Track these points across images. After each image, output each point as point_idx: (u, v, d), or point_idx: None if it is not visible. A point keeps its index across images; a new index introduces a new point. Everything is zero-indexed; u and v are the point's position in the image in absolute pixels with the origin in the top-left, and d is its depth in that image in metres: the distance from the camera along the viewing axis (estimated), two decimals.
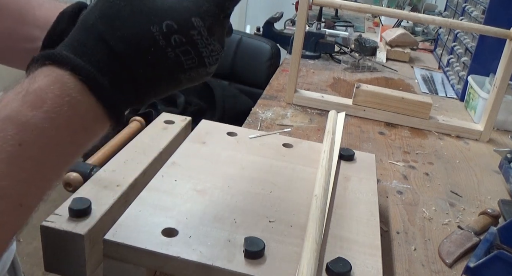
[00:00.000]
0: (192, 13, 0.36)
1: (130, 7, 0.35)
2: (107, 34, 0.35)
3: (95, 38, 0.35)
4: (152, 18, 0.35)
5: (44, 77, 0.33)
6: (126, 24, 0.35)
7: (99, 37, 0.35)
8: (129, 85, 0.36)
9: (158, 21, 0.35)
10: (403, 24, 2.14)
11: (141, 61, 0.35)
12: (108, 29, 0.35)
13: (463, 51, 1.48)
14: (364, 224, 0.57)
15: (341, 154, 0.72)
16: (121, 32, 0.35)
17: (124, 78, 0.36)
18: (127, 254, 0.48)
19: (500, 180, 0.95)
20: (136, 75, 0.36)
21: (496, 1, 1.27)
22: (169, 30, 0.35)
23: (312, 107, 1.19)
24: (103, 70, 0.34)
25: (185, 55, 0.36)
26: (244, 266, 0.47)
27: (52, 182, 0.34)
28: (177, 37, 0.35)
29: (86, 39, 0.35)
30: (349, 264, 0.48)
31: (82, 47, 0.35)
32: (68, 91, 0.33)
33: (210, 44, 0.37)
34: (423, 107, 1.14)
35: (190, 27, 0.36)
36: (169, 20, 0.35)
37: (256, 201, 0.58)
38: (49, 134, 0.32)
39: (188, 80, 0.38)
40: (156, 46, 0.35)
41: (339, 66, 1.62)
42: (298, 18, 1.13)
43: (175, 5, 0.36)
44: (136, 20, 0.35)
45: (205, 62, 0.37)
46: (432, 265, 0.67)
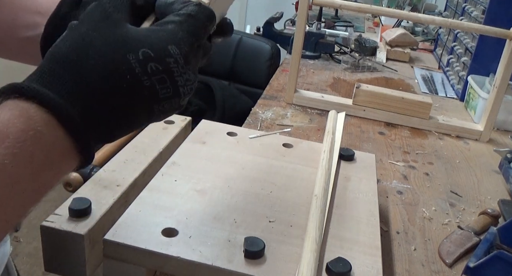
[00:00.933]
0: (168, 41, 0.36)
1: (104, 37, 0.34)
2: (79, 63, 0.33)
3: (65, 68, 0.33)
4: (128, 46, 0.34)
5: (8, 110, 0.31)
6: (101, 52, 0.34)
7: (70, 66, 0.33)
8: (101, 117, 0.34)
9: (134, 49, 0.34)
10: (403, 24, 2.14)
11: (115, 90, 0.34)
12: (80, 58, 0.34)
13: (463, 51, 1.48)
14: (364, 224, 0.57)
15: (341, 154, 0.72)
16: (95, 61, 0.34)
17: (96, 109, 0.34)
18: (127, 254, 0.48)
19: (500, 180, 0.95)
20: (109, 106, 0.34)
21: (496, 1, 1.27)
22: (146, 57, 0.34)
23: (312, 107, 1.19)
24: (74, 101, 0.33)
25: (160, 83, 0.35)
26: (244, 266, 0.47)
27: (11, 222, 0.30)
28: (154, 65, 0.35)
29: (55, 69, 0.33)
30: (349, 264, 0.48)
31: (51, 78, 0.33)
32: (33, 125, 0.31)
33: (186, 73, 0.36)
34: (423, 107, 1.14)
35: (166, 54, 0.35)
36: (145, 48, 0.35)
37: (256, 201, 0.58)
38: (9, 171, 0.29)
39: (160, 112, 0.37)
40: (132, 74, 0.34)
41: (339, 66, 1.62)
42: (298, 18, 1.13)
43: (150, 34, 0.36)
44: (111, 48, 0.34)
45: (179, 91, 0.36)
46: (432, 265, 0.67)
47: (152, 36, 0.36)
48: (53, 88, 0.32)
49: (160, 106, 0.36)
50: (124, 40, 0.34)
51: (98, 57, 0.34)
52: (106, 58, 0.34)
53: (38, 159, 0.31)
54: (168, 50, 0.35)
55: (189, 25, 0.37)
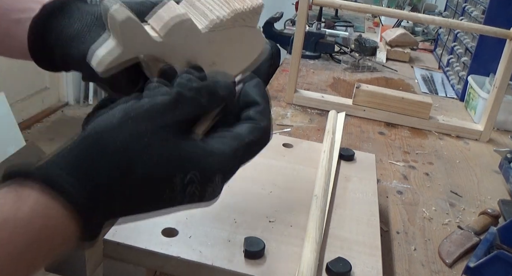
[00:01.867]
0: (218, 170, 0.34)
1: (160, 148, 0.32)
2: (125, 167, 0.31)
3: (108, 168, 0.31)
4: (179, 166, 0.32)
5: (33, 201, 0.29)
6: (150, 164, 0.31)
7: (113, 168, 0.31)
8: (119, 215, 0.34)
9: (184, 170, 0.33)
10: (403, 24, 2.14)
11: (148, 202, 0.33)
12: (128, 162, 0.31)
13: (463, 51, 1.48)
14: (364, 224, 0.57)
15: (341, 154, 0.72)
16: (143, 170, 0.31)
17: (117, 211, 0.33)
18: (127, 254, 0.48)
19: (500, 180, 0.95)
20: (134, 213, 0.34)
21: (496, 1, 1.27)
22: (191, 181, 0.33)
23: (312, 107, 1.19)
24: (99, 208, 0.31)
25: (190, 196, 0.34)
26: (244, 266, 0.47)
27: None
28: (195, 186, 0.33)
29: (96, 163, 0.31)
30: (349, 264, 0.48)
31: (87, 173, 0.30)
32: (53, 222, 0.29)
33: (216, 189, 0.35)
34: (423, 107, 1.14)
35: (211, 181, 0.34)
36: (195, 170, 0.33)
37: (256, 201, 0.58)
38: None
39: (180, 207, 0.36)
40: (171, 193, 0.33)
41: (339, 66, 1.62)
42: (298, 18, 1.13)
43: (205, 156, 0.34)
44: (163, 163, 0.32)
45: (203, 198, 0.35)
46: (432, 265, 0.67)
47: (207, 159, 0.34)
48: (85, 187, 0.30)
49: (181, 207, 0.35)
50: (180, 158, 0.33)
51: (148, 167, 0.31)
52: (154, 172, 0.32)
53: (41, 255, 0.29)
54: (214, 178, 0.34)
55: (244, 155, 0.36)
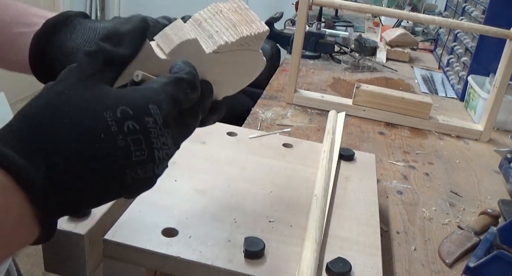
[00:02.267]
0: (150, 100, 0.34)
1: (81, 95, 0.32)
2: (51, 122, 0.31)
3: (35, 127, 0.30)
4: (106, 103, 0.32)
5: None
6: (76, 110, 0.31)
7: (40, 125, 0.30)
8: (68, 182, 0.31)
9: (112, 106, 0.32)
10: (403, 24, 2.14)
11: (87, 151, 0.31)
12: (52, 116, 0.31)
13: (463, 51, 1.48)
14: (364, 224, 0.57)
15: (341, 154, 0.72)
16: (69, 119, 0.31)
17: (62, 172, 0.30)
18: (127, 254, 0.48)
19: (500, 180, 0.95)
20: (78, 168, 0.31)
21: (496, 1, 1.27)
22: (124, 115, 0.32)
23: (312, 107, 1.19)
24: (38, 163, 0.29)
25: (135, 144, 0.32)
26: (244, 266, 0.47)
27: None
28: (131, 123, 0.32)
29: (23, 128, 0.30)
30: (349, 264, 0.48)
31: (16, 137, 0.30)
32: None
33: (163, 136, 0.34)
34: (423, 107, 1.14)
35: (146, 113, 0.33)
36: (124, 105, 0.32)
37: (256, 201, 0.58)
38: None
39: (133, 180, 0.33)
40: (107, 132, 0.31)
41: (339, 66, 1.62)
42: (298, 18, 1.13)
43: (131, 93, 0.34)
44: (87, 106, 0.32)
45: (154, 155, 0.34)
46: (432, 265, 0.67)
47: (133, 94, 0.34)
48: (16, 148, 0.29)
49: (133, 172, 0.33)
50: (102, 97, 0.32)
51: (73, 115, 0.31)
52: (81, 116, 0.31)
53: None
54: (148, 109, 0.33)
55: (173, 88, 0.36)
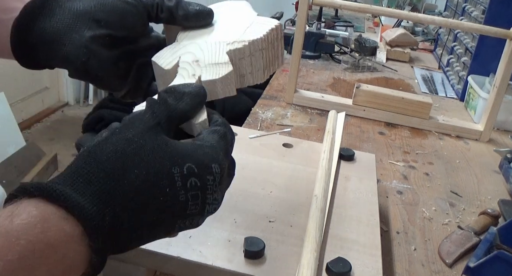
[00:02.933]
0: (213, 160, 0.35)
1: (151, 147, 0.33)
2: (120, 170, 0.31)
3: (106, 174, 0.31)
4: (175, 158, 0.33)
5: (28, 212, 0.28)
6: (146, 162, 0.32)
7: (111, 173, 0.31)
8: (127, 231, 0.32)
9: (181, 163, 0.33)
10: (403, 24, 2.14)
11: (150, 203, 0.32)
12: (124, 166, 0.32)
13: (463, 51, 1.48)
14: (364, 224, 0.57)
15: (341, 154, 0.72)
16: (140, 170, 0.32)
17: (124, 222, 0.31)
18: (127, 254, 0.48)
19: (500, 180, 0.95)
20: (139, 219, 0.32)
21: (496, 1, 1.27)
22: (189, 172, 0.34)
23: (312, 107, 1.19)
24: (105, 213, 0.30)
25: (193, 199, 0.34)
26: (244, 266, 0.47)
27: None
28: (194, 180, 0.34)
29: (94, 173, 0.31)
30: (349, 264, 0.48)
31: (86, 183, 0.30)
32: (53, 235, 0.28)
33: (216, 192, 0.36)
34: (423, 107, 1.14)
35: (208, 172, 0.35)
36: (191, 163, 0.34)
37: (256, 201, 0.58)
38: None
39: (179, 229, 0.36)
40: (172, 187, 0.33)
41: (339, 66, 1.62)
42: (298, 18, 1.13)
43: (196, 150, 0.35)
44: (157, 159, 0.33)
45: (205, 209, 0.36)
46: (432, 265, 0.67)
47: (199, 152, 0.35)
48: (85, 194, 0.30)
49: (182, 223, 0.35)
50: (171, 152, 0.34)
51: (143, 167, 0.32)
52: (151, 169, 0.32)
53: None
54: (211, 168, 0.35)
55: (225, 143, 0.38)
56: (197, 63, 0.42)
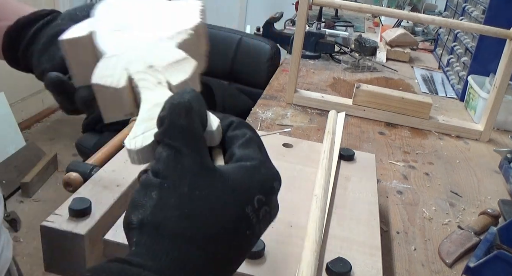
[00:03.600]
0: (272, 179, 0.33)
1: (214, 192, 0.29)
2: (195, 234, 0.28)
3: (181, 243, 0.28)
4: (242, 197, 0.30)
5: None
6: (217, 216, 0.29)
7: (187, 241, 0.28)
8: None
9: (250, 199, 0.30)
10: (403, 24, 2.14)
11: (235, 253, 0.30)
12: (195, 228, 0.28)
13: (463, 51, 1.48)
14: (364, 224, 0.57)
15: (341, 154, 0.72)
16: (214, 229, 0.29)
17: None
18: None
19: (500, 180, 0.95)
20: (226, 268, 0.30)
21: (496, 1, 1.27)
22: (260, 204, 0.31)
23: (312, 107, 1.19)
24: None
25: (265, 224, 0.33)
26: (244, 266, 0.47)
27: None
28: (265, 208, 0.32)
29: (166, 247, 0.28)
30: (349, 264, 0.48)
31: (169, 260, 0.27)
32: None
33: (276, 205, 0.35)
34: (423, 107, 1.14)
35: (273, 193, 0.33)
36: (258, 194, 0.31)
37: None
38: None
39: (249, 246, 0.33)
40: (250, 227, 0.30)
41: (339, 66, 1.62)
42: (298, 18, 1.13)
43: (257, 176, 0.32)
44: (225, 203, 0.29)
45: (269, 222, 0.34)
46: (432, 265, 0.67)
47: (259, 178, 0.32)
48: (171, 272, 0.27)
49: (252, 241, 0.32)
50: (233, 191, 0.30)
51: (217, 221, 0.29)
52: (225, 221, 0.29)
53: None
54: (274, 188, 0.33)
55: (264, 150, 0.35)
56: (152, 68, 0.36)
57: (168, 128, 0.30)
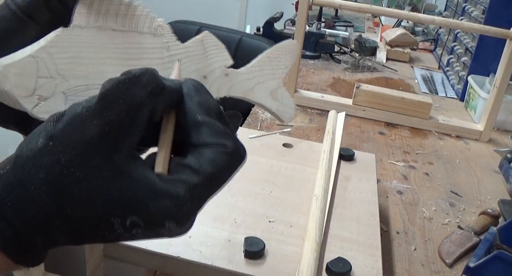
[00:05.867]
0: (168, 217, 0.28)
1: (87, 184, 0.26)
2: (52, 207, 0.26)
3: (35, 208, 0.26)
4: (116, 209, 0.27)
5: None
6: (79, 205, 0.26)
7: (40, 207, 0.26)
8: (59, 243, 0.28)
9: (122, 214, 0.27)
10: (403, 24, 2.14)
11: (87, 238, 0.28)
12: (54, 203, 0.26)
13: (463, 51, 1.48)
14: (364, 224, 0.57)
15: (341, 154, 0.72)
16: (71, 211, 0.27)
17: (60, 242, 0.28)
18: (127, 254, 0.48)
19: (500, 180, 0.95)
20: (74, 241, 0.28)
21: (496, 1, 1.27)
22: (133, 225, 0.27)
23: (312, 107, 1.19)
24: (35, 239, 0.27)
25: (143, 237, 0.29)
26: (244, 266, 0.47)
27: None
28: (141, 231, 0.28)
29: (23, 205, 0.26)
30: (349, 264, 0.48)
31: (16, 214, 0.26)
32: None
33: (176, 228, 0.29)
34: (423, 107, 1.14)
35: (160, 227, 0.28)
36: (136, 217, 0.27)
37: (256, 201, 0.58)
38: None
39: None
40: (111, 232, 0.27)
41: (339, 66, 1.62)
42: (298, 18, 1.13)
43: (148, 201, 0.27)
44: (93, 204, 0.27)
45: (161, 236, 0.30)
46: (432, 265, 0.67)
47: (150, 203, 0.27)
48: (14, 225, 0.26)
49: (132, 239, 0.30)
50: (112, 198, 0.27)
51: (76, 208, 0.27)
52: (85, 213, 0.27)
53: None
54: (163, 224, 0.28)
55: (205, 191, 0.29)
56: None
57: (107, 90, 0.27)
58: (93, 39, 0.33)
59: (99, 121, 0.26)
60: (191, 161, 0.29)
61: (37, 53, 0.30)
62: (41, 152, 0.26)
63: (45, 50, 0.31)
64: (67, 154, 0.26)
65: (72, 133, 0.26)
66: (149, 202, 0.27)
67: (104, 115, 0.27)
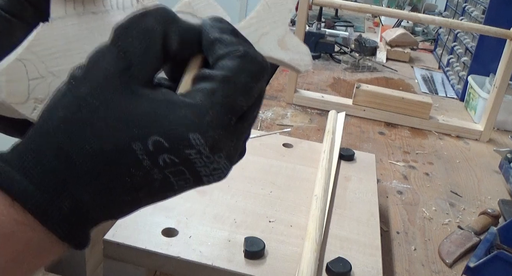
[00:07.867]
0: (190, 128, 0.26)
1: (105, 110, 0.26)
2: (70, 146, 0.25)
3: (53, 152, 0.25)
4: (134, 130, 0.26)
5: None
6: (98, 135, 0.26)
7: (59, 149, 0.25)
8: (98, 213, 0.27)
9: (142, 135, 0.26)
10: (403, 24, 2.14)
11: (116, 183, 0.26)
12: (72, 140, 0.25)
13: (463, 51, 1.48)
14: (364, 224, 0.57)
15: (341, 154, 0.72)
16: (91, 146, 0.25)
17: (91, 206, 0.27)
18: (127, 254, 0.48)
19: (500, 180, 0.95)
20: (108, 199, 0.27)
21: (496, 1, 1.27)
22: (157, 149, 0.26)
23: (312, 107, 1.19)
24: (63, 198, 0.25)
25: (176, 175, 0.27)
26: (244, 266, 0.47)
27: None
28: (168, 157, 0.26)
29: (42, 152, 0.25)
30: (349, 264, 0.48)
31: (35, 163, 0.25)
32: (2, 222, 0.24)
33: (213, 163, 0.28)
34: (423, 107, 1.14)
35: (186, 145, 0.26)
36: (157, 135, 0.26)
37: (256, 201, 0.58)
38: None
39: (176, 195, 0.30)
40: (137, 167, 0.26)
41: (339, 66, 1.62)
42: (298, 18, 1.13)
43: (167, 114, 0.26)
44: (112, 131, 0.26)
45: (203, 180, 0.29)
46: (432, 265, 0.67)
47: (170, 117, 0.26)
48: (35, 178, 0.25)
49: (177, 193, 0.29)
50: (131, 119, 0.26)
51: (94, 142, 0.26)
52: (106, 145, 0.26)
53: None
54: (188, 140, 0.26)
55: (224, 96, 0.27)
56: None
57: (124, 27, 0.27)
58: (76, 28, 0.32)
59: (114, 48, 0.27)
60: (206, 72, 0.28)
61: (22, 55, 0.30)
62: (63, 94, 0.27)
63: (30, 51, 0.30)
64: (87, 87, 0.26)
65: (91, 68, 0.27)
66: (167, 114, 0.26)
67: (119, 44, 0.27)
